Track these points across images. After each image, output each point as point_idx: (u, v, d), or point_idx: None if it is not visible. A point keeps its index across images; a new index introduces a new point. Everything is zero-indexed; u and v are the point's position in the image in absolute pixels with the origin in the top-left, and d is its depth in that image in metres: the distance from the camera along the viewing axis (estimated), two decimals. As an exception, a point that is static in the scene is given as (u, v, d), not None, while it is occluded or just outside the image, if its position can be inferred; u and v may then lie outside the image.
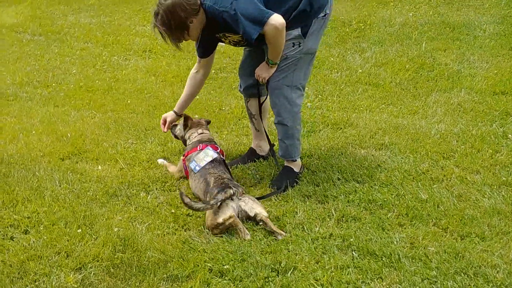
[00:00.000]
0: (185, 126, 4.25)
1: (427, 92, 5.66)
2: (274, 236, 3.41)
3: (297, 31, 3.69)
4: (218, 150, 3.97)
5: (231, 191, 3.50)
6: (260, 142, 4.39)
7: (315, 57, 4.03)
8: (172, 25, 3.63)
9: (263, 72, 3.81)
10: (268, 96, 3.99)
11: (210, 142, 4.05)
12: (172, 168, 4.20)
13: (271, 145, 4.25)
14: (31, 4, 9.58)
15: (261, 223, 3.49)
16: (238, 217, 3.47)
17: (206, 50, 4.02)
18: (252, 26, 3.45)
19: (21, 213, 3.66)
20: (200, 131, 4.18)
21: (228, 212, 3.43)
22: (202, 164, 3.83)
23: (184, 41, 3.81)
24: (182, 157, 4.07)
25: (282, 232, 3.43)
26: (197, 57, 4.10)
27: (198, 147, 3.97)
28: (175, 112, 4.31)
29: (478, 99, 5.39)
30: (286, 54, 3.71)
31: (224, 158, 4.00)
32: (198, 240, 3.39)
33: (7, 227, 3.53)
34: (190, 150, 4.02)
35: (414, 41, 7.17)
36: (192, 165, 3.88)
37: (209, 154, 3.89)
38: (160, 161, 4.35)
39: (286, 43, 3.63)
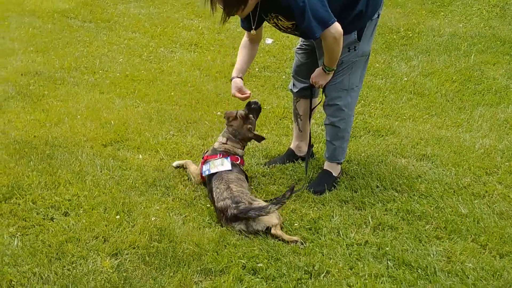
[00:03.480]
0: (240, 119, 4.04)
1: (473, 105, 5.55)
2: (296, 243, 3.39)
3: (353, 36, 3.67)
4: (239, 161, 3.93)
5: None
6: (301, 143, 4.39)
7: (369, 59, 3.98)
8: None
9: (320, 79, 3.78)
10: (321, 99, 3.96)
11: (226, 153, 3.94)
12: (193, 168, 4.05)
13: (310, 146, 4.24)
14: (83, -9, 9.77)
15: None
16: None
17: (250, 25, 3.78)
18: (317, 25, 3.40)
19: (62, 195, 3.74)
20: (222, 139, 4.02)
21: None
22: (213, 171, 3.79)
23: (233, 15, 3.57)
24: (201, 161, 3.98)
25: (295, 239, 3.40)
26: (245, 30, 3.93)
27: (218, 155, 3.90)
28: (236, 77, 3.92)
29: (526, 116, 5.27)
30: (342, 59, 3.69)
31: (242, 167, 3.97)
32: (233, 236, 3.40)
33: (48, 208, 3.61)
34: (210, 155, 3.94)
35: (463, 52, 7.03)
36: (204, 167, 3.86)
37: (224, 163, 3.83)
38: (175, 163, 4.19)
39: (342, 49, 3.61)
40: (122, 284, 2.97)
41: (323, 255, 3.26)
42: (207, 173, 3.82)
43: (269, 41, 7.35)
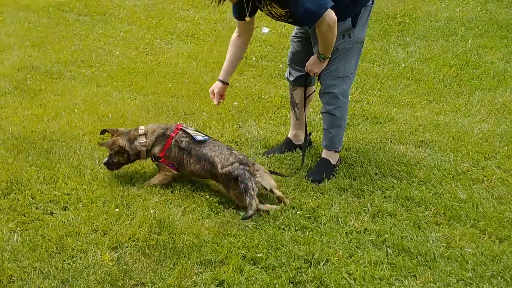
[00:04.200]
0: (124, 139, 3.88)
1: (471, 90, 5.54)
2: (280, 203, 3.65)
3: (348, 23, 3.65)
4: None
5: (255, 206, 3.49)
6: (298, 131, 4.38)
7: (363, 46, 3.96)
8: None
9: (315, 67, 3.77)
10: (316, 87, 3.96)
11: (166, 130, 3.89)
12: (157, 178, 3.87)
13: (308, 134, 4.24)
14: (78, -16, 9.72)
15: (276, 197, 3.67)
16: (255, 191, 3.51)
17: (242, 13, 3.73)
18: (311, 12, 3.37)
19: (61, 189, 3.74)
20: (141, 139, 3.87)
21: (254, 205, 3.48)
22: (200, 138, 3.78)
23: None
24: (160, 160, 3.84)
25: (287, 201, 3.65)
26: (236, 20, 3.88)
27: (172, 134, 3.83)
28: (221, 81, 4.01)
29: (524, 100, 5.26)
30: (337, 46, 3.67)
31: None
32: (232, 227, 3.41)
33: (47, 203, 3.61)
34: (163, 148, 3.82)
35: (460, 37, 7.02)
36: (199, 138, 3.79)
37: (168, 133, 3.83)
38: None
39: (337, 34, 3.60)
40: (122, 277, 2.98)
41: (322, 243, 3.26)
42: (207, 137, 3.82)
43: (265, 30, 7.33)
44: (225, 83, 4.02)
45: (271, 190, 3.63)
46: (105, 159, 3.91)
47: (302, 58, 4.00)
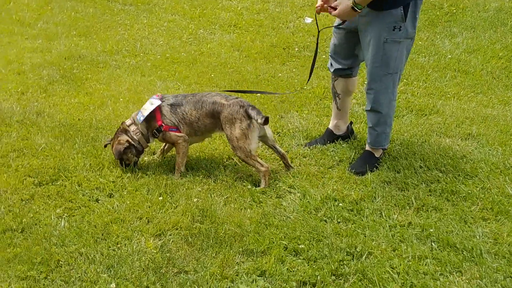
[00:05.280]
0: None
1: (520, 82, 5.39)
2: (287, 168, 3.92)
3: (400, 12, 3.55)
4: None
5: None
6: (339, 121, 4.33)
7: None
8: None
9: (345, 16, 3.58)
10: (357, 77, 3.92)
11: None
12: (178, 154, 3.86)
13: (350, 123, 4.24)
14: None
15: (278, 154, 3.93)
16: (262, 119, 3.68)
17: None
18: None
19: (107, 177, 3.81)
20: (132, 128, 3.91)
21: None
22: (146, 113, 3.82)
23: None
24: (163, 129, 3.84)
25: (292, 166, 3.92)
26: None
27: (155, 100, 3.86)
28: None
29: None
30: (386, 37, 3.60)
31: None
32: (274, 217, 3.41)
33: (93, 190, 3.68)
34: (156, 118, 3.84)
35: (510, 28, 6.80)
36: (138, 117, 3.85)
37: (153, 102, 3.85)
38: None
39: (387, 25, 3.53)
40: (165, 264, 3.02)
41: (365, 236, 3.23)
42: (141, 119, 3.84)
43: (308, 20, 7.25)
44: None
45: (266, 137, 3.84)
46: (124, 164, 3.93)
47: (343, 51, 3.95)
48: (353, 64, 4.06)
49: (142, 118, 3.84)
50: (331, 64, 4.16)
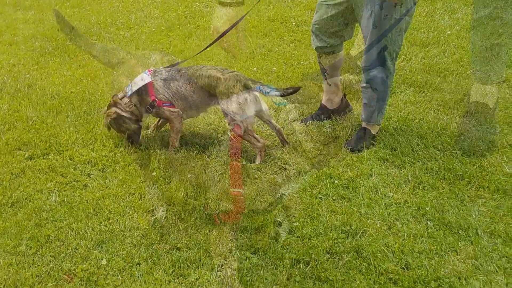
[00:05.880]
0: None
1: (520, 60, 5.31)
2: (282, 144, 3.86)
3: None
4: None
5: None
6: (332, 95, 4.25)
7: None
8: None
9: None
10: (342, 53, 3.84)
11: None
12: (172, 130, 3.82)
13: (343, 95, 4.20)
14: None
15: (274, 129, 3.89)
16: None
17: None
18: None
19: (99, 151, 3.75)
20: (124, 100, 3.81)
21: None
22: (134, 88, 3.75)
23: None
24: (156, 104, 3.76)
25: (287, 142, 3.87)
26: None
27: (147, 76, 3.79)
28: None
29: None
30: (387, 14, 3.50)
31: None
32: (268, 194, 3.36)
33: (85, 164, 3.63)
34: (149, 92, 3.75)
35: (510, 4, 6.69)
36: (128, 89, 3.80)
37: (144, 78, 3.77)
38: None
39: (387, 1, 3.44)
40: (158, 240, 2.98)
41: (360, 214, 3.19)
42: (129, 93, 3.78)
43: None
44: None
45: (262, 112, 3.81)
46: (125, 138, 3.85)
47: (330, 27, 3.84)
48: (336, 43, 3.95)
49: (130, 92, 3.76)
50: (313, 41, 4.06)
